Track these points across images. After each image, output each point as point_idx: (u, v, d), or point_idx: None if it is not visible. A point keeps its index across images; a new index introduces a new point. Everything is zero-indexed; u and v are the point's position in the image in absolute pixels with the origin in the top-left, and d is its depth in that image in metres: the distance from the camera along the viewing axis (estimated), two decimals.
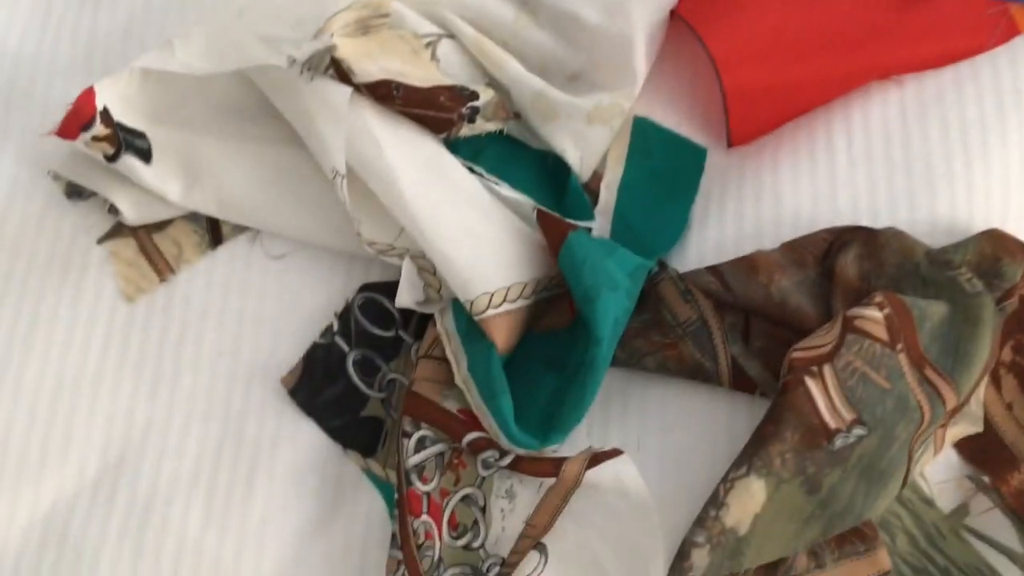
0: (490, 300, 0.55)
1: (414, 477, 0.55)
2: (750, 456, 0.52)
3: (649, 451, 0.57)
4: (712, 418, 0.57)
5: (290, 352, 0.60)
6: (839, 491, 0.53)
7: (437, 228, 0.55)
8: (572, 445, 0.57)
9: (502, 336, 0.55)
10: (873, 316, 0.53)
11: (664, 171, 0.64)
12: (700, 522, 0.52)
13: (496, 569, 0.55)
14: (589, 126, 0.61)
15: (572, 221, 0.61)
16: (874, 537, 0.54)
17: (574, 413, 0.54)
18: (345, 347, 0.59)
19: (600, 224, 0.63)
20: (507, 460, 0.55)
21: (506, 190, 0.60)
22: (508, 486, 0.56)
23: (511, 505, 0.56)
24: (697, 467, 0.56)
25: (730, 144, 0.64)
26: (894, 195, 0.61)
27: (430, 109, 0.59)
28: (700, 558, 0.52)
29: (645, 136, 0.65)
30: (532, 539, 0.55)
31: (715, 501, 0.52)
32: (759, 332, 0.58)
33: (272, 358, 0.60)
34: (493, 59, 0.62)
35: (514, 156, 0.63)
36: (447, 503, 0.56)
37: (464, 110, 0.59)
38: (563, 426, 0.54)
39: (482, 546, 0.55)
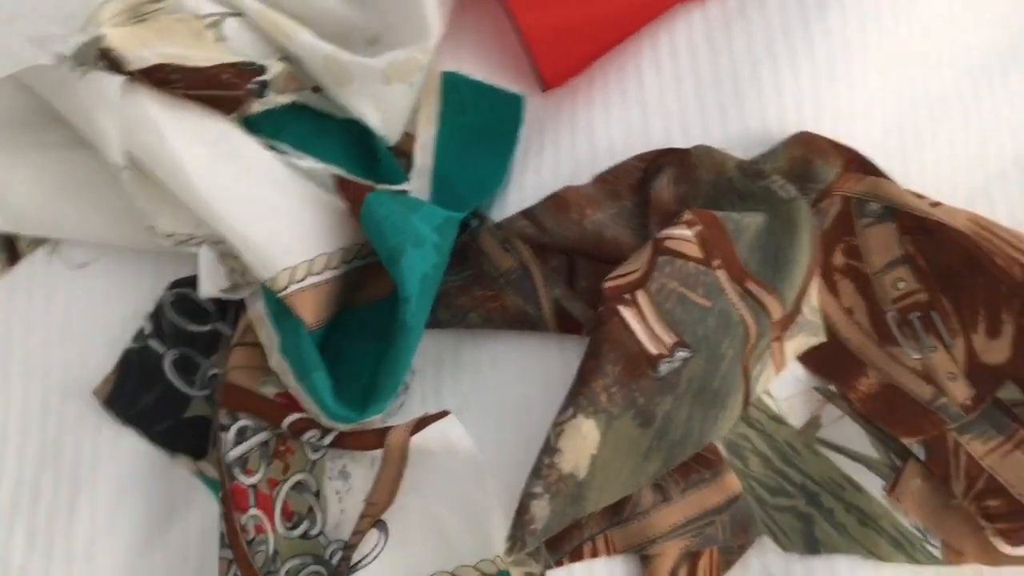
0: (292, 275, 0.52)
1: (237, 471, 0.52)
2: (575, 396, 0.50)
3: (485, 408, 0.55)
4: (545, 366, 0.55)
5: (103, 362, 0.57)
6: (674, 419, 0.51)
7: (230, 209, 0.53)
8: (408, 415, 0.55)
9: (309, 311, 0.52)
10: (683, 235, 0.51)
11: (481, 124, 0.62)
12: (536, 472, 0.50)
13: (340, 554, 0.52)
14: (387, 86, 0.58)
15: (386, 186, 0.58)
16: (719, 462, 0.52)
17: (391, 379, 0.51)
18: (160, 348, 0.57)
19: (419, 186, 0.61)
20: (329, 438, 0.52)
21: (307, 162, 0.57)
22: (341, 466, 0.54)
23: (346, 485, 0.53)
24: (536, 417, 0.54)
25: (544, 88, 0.63)
26: (705, 112, 0.59)
27: (214, 88, 0.56)
28: (540, 509, 0.50)
29: (456, 91, 0.63)
30: (373, 517, 0.52)
31: (548, 448, 0.50)
32: (584, 272, 0.56)
33: (85, 371, 0.57)
34: (282, 30, 0.59)
35: (320, 129, 0.61)
36: (277, 493, 0.53)
37: (251, 85, 0.57)
38: (382, 395, 0.51)
39: (321, 533, 0.53)
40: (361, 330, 0.56)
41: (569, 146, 0.60)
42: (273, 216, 0.53)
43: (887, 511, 0.53)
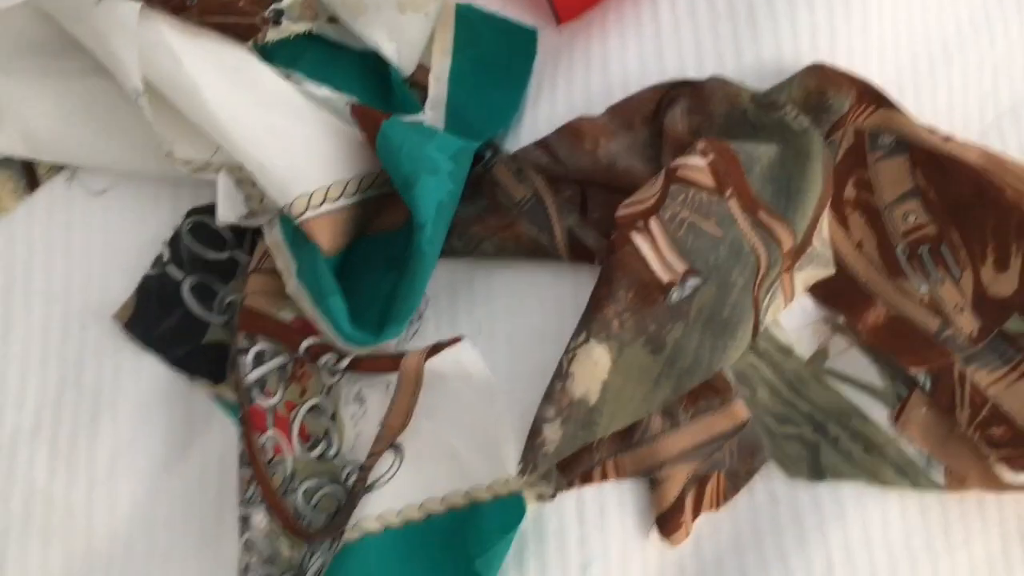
0: (308, 201, 0.53)
1: (255, 393, 0.53)
2: (587, 322, 0.51)
3: (498, 335, 0.56)
4: (558, 294, 0.56)
5: (122, 288, 0.58)
6: (684, 346, 0.52)
7: (248, 135, 0.53)
8: (422, 343, 0.55)
9: (325, 237, 0.53)
10: (696, 164, 0.52)
11: (494, 57, 0.62)
12: (548, 397, 0.51)
13: (356, 475, 0.54)
14: (402, 15, 0.58)
15: (402, 117, 0.59)
16: (727, 390, 0.53)
17: (406, 304, 0.52)
18: (179, 275, 0.57)
19: (433, 117, 0.61)
20: (346, 362, 0.53)
21: (323, 91, 0.58)
22: (356, 391, 0.55)
23: (362, 409, 0.54)
24: (549, 344, 0.54)
25: (559, 22, 0.63)
26: (720, 45, 0.59)
27: (230, 16, 0.56)
28: (552, 432, 0.51)
29: (470, 23, 0.63)
30: (387, 440, 0.53)
31: (560, 373, 0.51)
32: (597, 202, 0.57)
33: (105, 296, 0.57)
34: None
35: (336, 59, 0.61)
36: (294, 415, 0.54)
37: (267, 13, 0.57)
38: (397, 318, 0.52)
39: (337, 454, 0.54)
40: (377, 258, 0.57)
41: (583, 79, 0.60)
42: (290, 143, 0.54)
43: (892, 439, 0.54)
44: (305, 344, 0.53)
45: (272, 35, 0.57)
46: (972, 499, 0.54)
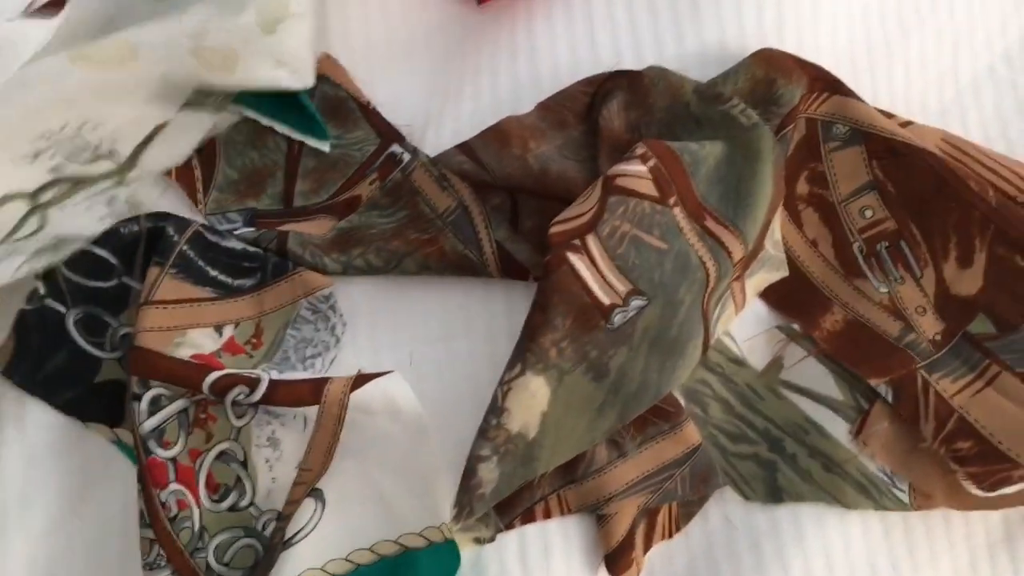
0: None
1: (153, 444, 0.48)
2: (522, 352, 0.46)
3: (427, 363, 0.51)
4: (489, 315, 0.51)
5: None
6: (629, 370, 0.47)
7: None
8: (341, 371, 0.50)
9: None
10: (636, 171, 0.46)
11: None
12: (482, 433, 0.46)
13: (273, 524, 0.49)
14: (271, 35, 0.50)
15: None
16: (678, 413, 0.49)
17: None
18: (60, 308, 0.51)
19: None
20: (259, 394, 0.47)
21: None
22: (269, 433, 0.49)
23: (276, 452, 0.49)
24: (482, 371, 0.50)
25: (480, 0, 0.56)
26: (658, 29, 0.53)
27: None
28: (488, 472, 0.46)
29: None
30: (307, 484, 0.48)
31: (494, 408, 0.46)
32: (529, 210, 0.51)
33: None
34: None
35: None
36: (200, 464, 0.48)
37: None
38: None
39: (251, 504, 0.49)
40: None
41: (509, 68, 0.54)
42: None
43: (853, 455, 0.50)
44: (210, 379, 0.48)
45: None
46: (937, 515, 0.51)
